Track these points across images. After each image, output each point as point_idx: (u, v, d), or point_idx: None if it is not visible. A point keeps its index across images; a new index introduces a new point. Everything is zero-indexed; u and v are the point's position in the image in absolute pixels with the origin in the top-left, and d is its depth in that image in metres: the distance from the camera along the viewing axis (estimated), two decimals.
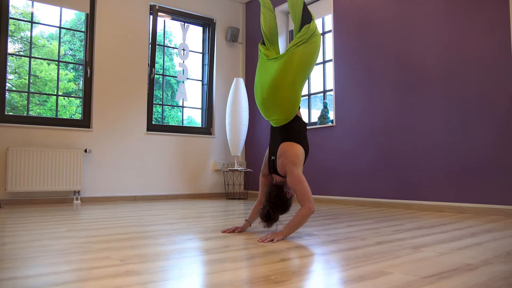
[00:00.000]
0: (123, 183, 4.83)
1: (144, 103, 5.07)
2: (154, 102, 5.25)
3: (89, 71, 4.73)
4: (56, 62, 5.09)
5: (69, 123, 4.64)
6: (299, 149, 2.29)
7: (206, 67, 5.75)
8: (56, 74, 4.79)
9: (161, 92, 6.01)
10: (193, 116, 5.70)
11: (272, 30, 2.58)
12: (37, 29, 7.95)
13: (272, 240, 2.06)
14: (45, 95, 8.65)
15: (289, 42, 5.36)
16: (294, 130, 2.34)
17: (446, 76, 3.53)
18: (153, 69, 5.18)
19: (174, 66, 7.85)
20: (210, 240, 2.12)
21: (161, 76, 5.23)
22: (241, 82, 5.32)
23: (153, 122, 5.26)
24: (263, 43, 2.59)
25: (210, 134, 5.67)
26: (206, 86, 5.73)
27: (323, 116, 4.68)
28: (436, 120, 3.58)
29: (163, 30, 5.46)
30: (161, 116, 5.49)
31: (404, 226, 2.58)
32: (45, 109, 8.68)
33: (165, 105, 5.47)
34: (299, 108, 2.47)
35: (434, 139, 3.58)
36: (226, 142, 5.68)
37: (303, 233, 2.30)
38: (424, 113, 3.67)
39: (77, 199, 4.46)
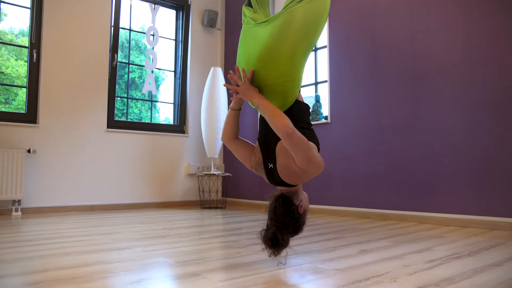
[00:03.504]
0: (76, 190, 4.03)
1: (105, 94, 4.29)
2: (116, 94, 4.47)
3: (35, 55, 3.93)
4: (25, 57, 4.25)
5: (9, 117, 3.82)
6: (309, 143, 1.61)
7: (179, 56, 5.00)
8: (25, 71, 3.97)
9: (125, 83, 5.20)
10: (166, 113, 4.95)
11: None
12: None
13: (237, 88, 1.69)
14: (13, 93, 7.68)
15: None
16: (295, 121, 1.66)
17: (464, 66, 2.92)
18: (116, 55, 4.41)
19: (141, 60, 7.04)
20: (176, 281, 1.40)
21: (126, 64, 4.48)
22: (219, 71, 4.61)
23: (116, 118, 4.49)
24: (249, 5, 1.91)
25: (183, 132, 4.93)
26: (179, 77, 4.99)
27: (315, 112, 4.01)
28: (455, 114, 2.96)
29: (129, 12, 4.69)
30: (125, 111, 4.72)
31: (436, 252, 1.92)
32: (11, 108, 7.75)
33: (130, 98, 4.71)
34: (300, 91, 1.79)
35: (454, 138, 2.95)
36: (200, 142, 4.94)
37: (304, 265, 1.61)
38: (440, 106, 3.05)
39: (16, 210, 3.64)
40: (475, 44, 2.88)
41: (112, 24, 4.42)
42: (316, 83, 4.25)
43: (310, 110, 4.08)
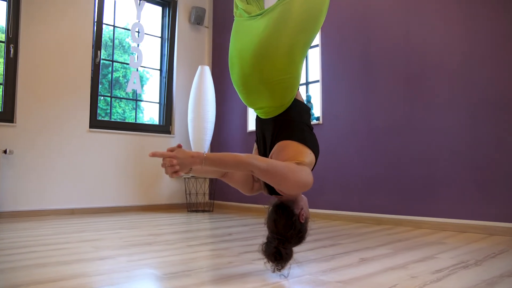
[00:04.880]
0: (56, 192, 3.83)
1: (87, 93, 4.10)
2: (99, 93, 4.28)
3: (12, 50, 3.71)
4: (2, 53, 4.03)
5: None
6: (305, 150, 1.49)
7: (166, 54, 4.83)
8: (1, 67, 3.75)
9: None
10: (150, 113, 4.77)
11: None
12: None
13: (174, 167, 1.31)
14: None
15: None
16: (295, 123, 1.53)
17: (461, 67, 2.84)
18: (99, 51, 4.22)
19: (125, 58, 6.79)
20: None
21: (110, 62, 4.28)
22: (207, 70, 4.46)
23: (99, 117, 4.29)
24: None
25: (169, 133, 4.76)
26: (165, 76, 4.82)
27: None
28: (452, 116, 2.88)
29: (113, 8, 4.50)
30: (109, 111, 4.52)
31: (441, 261, 1.82)
32: None
33: (113, 97, 4.51)
34: (299, 89, 1.67)
35: (451, 140, 2.87)
36: (187, 142, 4.78)
37: (304, 276, 1.48)
38: (436, 108, 2.96)
39: None
40: (472, 45, 2.80)
41: (96, 20, 4.23)
42: (307, 83, 4.14)
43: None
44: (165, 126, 4.76)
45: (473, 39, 2.81)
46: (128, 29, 4.53)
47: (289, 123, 1.53)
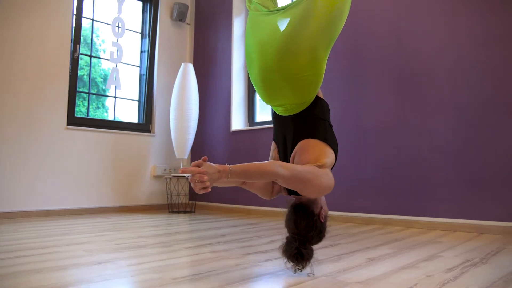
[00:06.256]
0: (30, 193, 3.62)
1: (65, 88, 3.90)
2: (78, 89, 4.09)
3: None
4: None
5: None
6: (327, 150, 1.46)
7: (147, 51, 4.69)
8: None
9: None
10: (126, 112, 4.59)
11: None
12: None
13: (204, 183, 1.24)
14: None
15: None
16: (317, 120, 1.50)
17: (453, 69, 2.90)
18: (78, 46, 4.03)
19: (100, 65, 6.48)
20: None
21: (88, 57, 4.08)
22: (191, 68, 4.35)
23: (77, 115, 4.10)
24: None
25: (149, 131, 4.62)
26: (146, 73, 4.67)
27: None
28: (443, 117, 2.93)
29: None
30: (86, 109, 4.32)
31: (447, 260, 1.83)
32: None
33: (91, 93, 4.32)
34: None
35: (441, 141, 2.92)
36: (168, 142, 4.66)
37: (321, 278, 1.44)
38: (427, 109, 3.01)
39: None
40: (464, 46, 2.87)
41: (74, 13, 4.04)
42: None
43: None
44: (145, 124, 4.61)
45: (463, 41, 2.87)
46: (109, 24, 4.36)
47: (311, 121, 1.49)
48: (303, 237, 1.39)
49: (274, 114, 1.63)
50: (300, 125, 1.50)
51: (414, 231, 2.79)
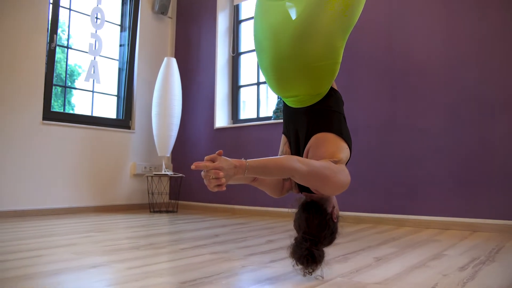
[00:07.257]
0: (3, 192, 3.38)
1: (41, 80, 3.68)
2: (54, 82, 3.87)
3: None
4: None
5: None
6: (342, 145, 1.39)
7: (127, 44, 4.50)
8: None
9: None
10: (107, 106, 4.38)
11: None
12: None
13: (219, 179, 1.13)
14: None
15: None
16: (332, 113, 1.42)
17: (444, 66, 2.91)
18: (55, 36, 3.81)
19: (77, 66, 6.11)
20: None
21: (65, 48, 3.85)
22: (174, 62, 4.21)
23: (53, 109, 3.88)
24: None
25: (129, 128, 4.44)
26: (125, 67, 4.48)
27: (281, 109, 3.81)
28: (435, 115, 2.94)
29: None
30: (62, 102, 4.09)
31: (454, 258, 1.81)
32: None
33: (68, 87, 4.10)
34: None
35: (434, 139, 2.93)
36: (149, 138, 4.49)
37: (336, 279, 1.37)
38: (419, 107, 3.01)
39: None
40: (456, 44, 2.88)
41: (51, 1, 3.81)
42: None
43: (276, 108, 3.91)
44: (124, 120, 4.43)
45: (455, 39, 2.89)
46: (88, 14, 4.15)
47: (326, 113, 1.42)
48: (314, 237, 1.32)
49: (285, 107, 1.56)
50: (314, 118, 1.43)
51: (407, 230, 2.78)
